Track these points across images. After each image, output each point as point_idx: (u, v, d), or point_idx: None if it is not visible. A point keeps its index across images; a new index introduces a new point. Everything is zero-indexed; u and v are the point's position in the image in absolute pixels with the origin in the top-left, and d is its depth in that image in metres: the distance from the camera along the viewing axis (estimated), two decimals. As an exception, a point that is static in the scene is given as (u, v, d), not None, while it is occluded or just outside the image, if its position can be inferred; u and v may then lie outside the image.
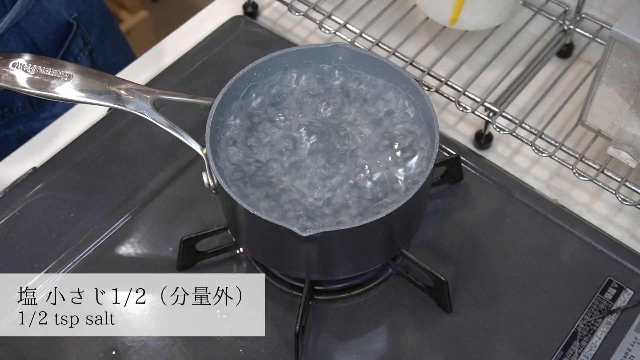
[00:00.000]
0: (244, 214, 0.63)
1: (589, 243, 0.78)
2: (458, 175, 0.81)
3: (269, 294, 0.74)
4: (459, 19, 0.88)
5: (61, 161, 0.83)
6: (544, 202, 0.81)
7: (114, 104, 0.69)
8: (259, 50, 0.93)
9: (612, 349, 0.71)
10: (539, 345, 0.71)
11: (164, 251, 0.77)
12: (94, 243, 0.77)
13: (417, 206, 0.70)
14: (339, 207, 0.67)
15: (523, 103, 0.89)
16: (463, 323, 0.73)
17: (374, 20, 0.91)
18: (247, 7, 1.00)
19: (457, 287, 0.74)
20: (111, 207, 0.80)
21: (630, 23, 0.70)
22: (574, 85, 0.89)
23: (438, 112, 0.90)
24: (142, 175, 0.82)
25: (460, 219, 0.80)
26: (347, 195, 0.67)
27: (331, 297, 0.74)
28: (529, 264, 0.76)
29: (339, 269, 0.70)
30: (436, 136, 0.66)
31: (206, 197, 0.72)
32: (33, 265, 0.76)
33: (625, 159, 0.76)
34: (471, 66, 0.91)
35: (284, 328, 0.72)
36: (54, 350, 0.71)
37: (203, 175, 0.67)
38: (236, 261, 0.77)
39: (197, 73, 0.91)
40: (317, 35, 0.97)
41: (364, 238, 0.65)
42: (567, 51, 0.94)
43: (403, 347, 0.72)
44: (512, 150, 0.87)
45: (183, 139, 0.68)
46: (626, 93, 0.75)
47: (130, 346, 0.71)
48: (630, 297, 0.74)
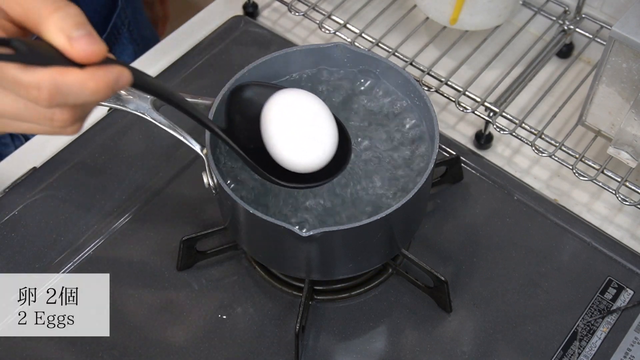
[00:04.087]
0: (244, 214, 0.63)
1: (589, 243, 0.78)
2: (458, 175, 0.81)
3: (269, 294, 0.74)
4: (459, 19, 0.88)
5: (61, 161, 0.83)
6: (544, 202, 0.81)
7: (114, 103, 0.68)
8: (259, 50, 0.93)
9: (612, 349, 0.71)
10: (539, 345, 0.71)
11: (164, 251, 0.77)
12: (94, 243, 0.77)
13: (417, 206, 0.70)
14: (339, 207, 0.67)
15: (523, 103, 0.89)
16: (463, 323, 0.73)
17: (374, 20, 0.91)
18: (247, 7, 1.00)
19: (457, 287, 0.74)
20: (111, 207, 0.80)
21: (630, 23, 0.70)
22: (574, 85, 0.89)
23: (438, 112, 0.90)
24: (142, 175, 0.82)
25: (460, 219, 0.80)
26: (347, 195, 0.67)
27: (331, 297, 0.74)
28: (529, 264, 0.76)
29: (339, 269, 0.70)
30: (436, 136, 0.66)
31: (206, 197, 0.71)
32: (33, 265, 0.76)
33: (625, 159, 0.76)
34: (471, 66, 0.91)
35: (284, 328, 0.72)
36: (53, 350, 0.71)
37: (203, 175, 0.67)
38: (236, 261, 0.77)
39: (197, 73, 0.91)
40: (317, 35, 0.97)
41: (364, 238, 0.65)
42: (567, 51, 0.94)
43: (403, 347, 0.72)
44: (512, 150, 0.87)
45: (183, 139, 0.68)
46: (626, 93, 0.75)
47: (130, 346, 0.71)
48: (630, 297, 0.74)
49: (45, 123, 0.46)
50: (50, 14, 0.43)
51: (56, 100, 0.43)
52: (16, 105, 0.45)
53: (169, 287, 0.75)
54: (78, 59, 0.43)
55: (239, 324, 0.73)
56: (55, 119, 0.46)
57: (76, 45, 0.43)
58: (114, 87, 0.45)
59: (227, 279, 0.76)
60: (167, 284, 0.75)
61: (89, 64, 0.44)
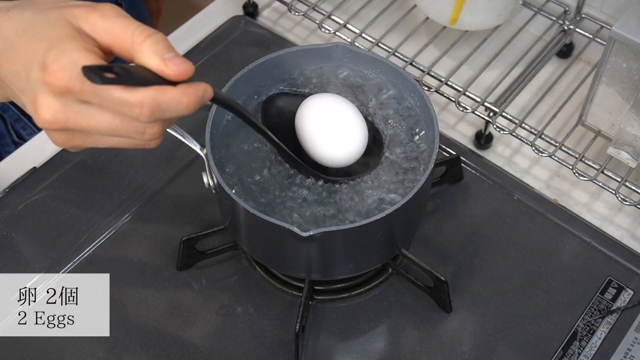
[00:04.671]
0: (244, 214, 0.63)
1: (589, 243, 0.78)
2: (458, 175, 0.81)
3: (269, 294, 0.74)
4: (459, 19, 0.88)
5: (61, 161, 0.83)
6: (544, 202, 0.81)
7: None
8: (259, 50, 0.93)
9: (612, 349, 0.71)
10: (539, 345, 0.71)
11: (164, 251, 0.77)
12: (94, 243, 0.77)
13: (417, 206, 0.70)
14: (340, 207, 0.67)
15: (523, 103, 0.89)
16: (463, 323, 0.73)
17: (374, 20, 0.91)
18: (247, 7, 1.00)
19: (457, 287, 0.74)
20: (111, 207, 0.80)
21: (630, 23, 0.70)
22: (574, 85, 0.89)
23: (438, 112, 0.90)
24: (142, 175, 0.82)
25: (460, 219, 0.80)
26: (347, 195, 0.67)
27: (331, 297, 0.74)
28: (529, 264, 0.76)
29: (339, 269, 0.70)
30: (436, 136, 0.66)
31: (206, 197, 0.71)
32: (33, 265, 0.76)
33: (625, 159, 0.76)
34: (471, 66, 0.91)
35: (284, 328, 0.72)
36: (53, 350, 0.71)
37: (203, 175, 0.67)
38: (236, 261, 0.77)
39: (197, 73, 0.89)
40: (317, 35, 0.97)
41: (364, 238, 0.65)
42: (567, 51, 0.94)
43: (403, 347, 0.72)
44: (512, 150, 0.87)
45: (183, 139, 0.68)
46: (626, 93, 0.75)
47: (130, 345, 0.71)
48: (630, 297, 0.74)
49: (137, 137, 0.51)
50: (143, 40, 0.49)
51: (155, 115, 0.49)
52: (113, 122, 0.50)
53: (169, 287, 0.75)
54: (173, 77, 0.49)
55: (239, 324, 0.73)
56: (147, 132, 0.51)
57: (170, 64, 0.49)
58: (201, 101, 0.51)
59: (227, 279, 0.76)
60: (167, 284, 0.75)
61: (181, 82, 0.50)
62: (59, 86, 0.47)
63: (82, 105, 0.49)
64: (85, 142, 0.52)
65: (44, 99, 0.49)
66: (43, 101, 0.49)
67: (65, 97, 0.48)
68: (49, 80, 0.48)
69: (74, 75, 0.47)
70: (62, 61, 0.48)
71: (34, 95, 0.49)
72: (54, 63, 0.48)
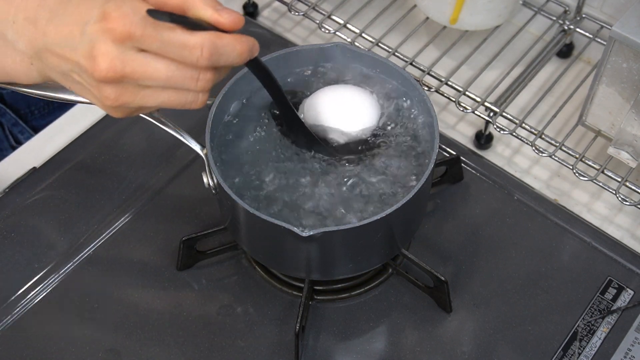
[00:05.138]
0: (244, 214, 0.63)
1: (589, 243, 0.78)
2: (458, 175, 0.81)
3: (269, 294, 0.74)
4: (459, 19, 0.88)
5: (61, 161, 0.83)
6: (544, 202, 0.81)
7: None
8: (259, 50, 0.92)
9: (612, 349, 0.71)
10: (539, 345, 0.71)
11: (164, 251, 0.77)
12: (94, 243, 0.77)
13: (417, 206, 0.70)
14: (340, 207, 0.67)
15: (523, 103, 0.89)
16: (463, 323, 0.73)
17: (374, 20, 0.91)
18: (247, 7, 1.00)
19: (457, 287, 0.74)
20: (111, 207, 0.80)
21: (630, 23, 0.70)
22: (574, 85, 0.89)
23: (438, 112, 0.90)
24: (142, 175, 0.82)
25: (460, 219, 0.80)
26: (347, 195, 0.67)
27: (331, 297, 0.74)
28: (529, 264, 0.76)
29: (339, 269, 0.70)
30: (436, 136, 0.66)
31: (206, 197, 0.71)
32: (33, 265, 0.76)
33: (625, 159, 0.76)
34: (471, 66, 0.91)
35: (284, 328, 0.72)
36: (54, 350, 0.71)
37: (203, 176, 0.67)
38: (236, 261, 0.77)
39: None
40: (317, 35, 0.97)
41: (364, 238, 0.65)
42: (567, 51, 0.94)
43: (403, 347, 0.72)
44: (512, 150, 0.87)
45: (183, 139, 0.68)
46: (626, 93, 0.75)
47: (130, 345, 0.71)
48: (630, 297, 0.74)
49: (191, 84, 0.52)
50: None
51: (213, 59, 0.51)
52: (169, 68, 0.51)
53: (169, 287, 0.75)
54: (226, 26, 0.51)
55: (239, 324, 0.73)
56: (201, 78, 0.52)
57: (224, 14, 0.51)
58: (251, 52, 0.53)
59: (227, 279, 0.76)
60: (167, 284, 0.75)
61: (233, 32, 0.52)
62: (120, 32, 0.49)
63: (140, 54, 0.50)
64: (135, 98, 0.53)
65: (102, 47, 0.50)
66: (102, 48, 0.50)
67: (125, 44, 0.50)
68: (110, 27, 0.49)
69: (136, 21, 0.49)
70: (124, 8, 0.49)
71: (91, 47, 0.50)
72: (116, 10, 0.49)
